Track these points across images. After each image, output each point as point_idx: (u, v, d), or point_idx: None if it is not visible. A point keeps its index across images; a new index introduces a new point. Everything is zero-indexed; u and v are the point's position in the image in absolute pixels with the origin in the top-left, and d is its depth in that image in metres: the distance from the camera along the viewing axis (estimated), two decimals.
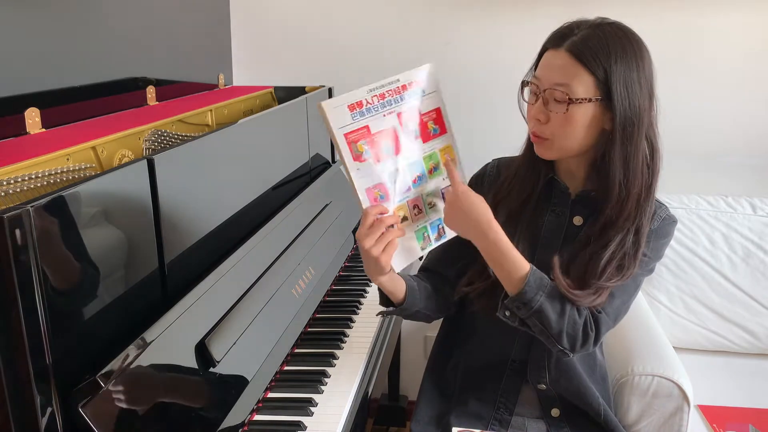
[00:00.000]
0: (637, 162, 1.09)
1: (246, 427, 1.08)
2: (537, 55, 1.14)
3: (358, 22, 2.13)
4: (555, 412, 1.27)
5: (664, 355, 1.50)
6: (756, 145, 2.03)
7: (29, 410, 0.77)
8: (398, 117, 1.11)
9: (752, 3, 1.93)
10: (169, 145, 1.32)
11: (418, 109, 1.14)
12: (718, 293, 1.87)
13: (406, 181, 1.12)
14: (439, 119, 1.16)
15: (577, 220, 1.19)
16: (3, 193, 0.89)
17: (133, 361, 0.89)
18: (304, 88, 1.99)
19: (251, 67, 2.17)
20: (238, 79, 2.13)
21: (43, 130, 1.18)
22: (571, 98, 1.06)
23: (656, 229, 1.16)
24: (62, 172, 1.02)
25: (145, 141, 1.27)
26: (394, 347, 2.03)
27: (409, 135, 1.12)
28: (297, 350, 1.34)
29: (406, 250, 1.13)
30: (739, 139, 2.03)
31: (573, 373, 1.25)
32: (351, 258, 1.82)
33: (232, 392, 1.08)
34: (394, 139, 1.10)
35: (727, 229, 1.89)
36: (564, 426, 1.27)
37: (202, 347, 1.04)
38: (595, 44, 1.05)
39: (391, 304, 1.21)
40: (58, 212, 0.82)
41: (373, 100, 1.08)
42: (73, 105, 1.30)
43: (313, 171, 1.83)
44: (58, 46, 1.26)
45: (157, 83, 1.60)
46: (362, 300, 1.58)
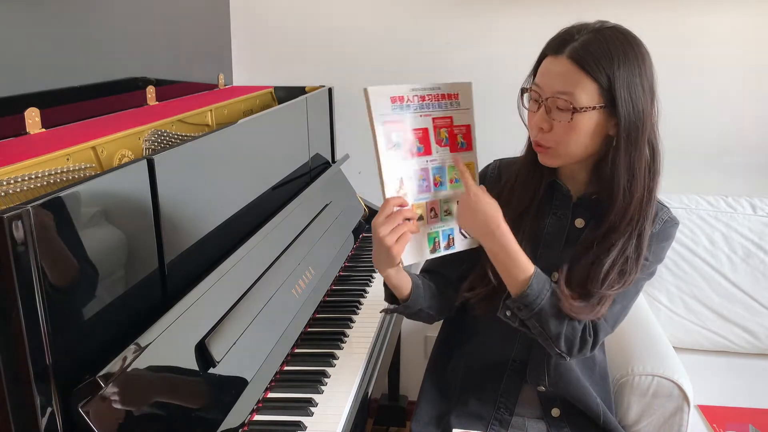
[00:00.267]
0: (640, 166, 1.09)
1: (246, 427, 1.08)
2: (536, 61, 1.13)
3: (358, 22, 2.13)
4: (555, 412, 1.27)
5: (664, 355, 1.50)
6: (756, 145, 2.03)
7: (29, 410, 0.77)
8: (432, 121, 1.14)
9: (752, 3, 1.93)
10: (169, 145, 1.32)
11: (452, 120, 1.17)
12: (718, 293, 1.87)
13: (428, 183, 1.14)
14: (468, 135, 1.19)
15: (579, 223, 1.19)
16: (3, 193, 0.89)
17: (133, 361, 0.89)
18: (304, 88, 1.99)
19: (251, 67, 2.18)
20: (238, 79, 2.13)
21: (43, 130, 1.18)
22: (575, 107, 1.05)
23: (658, 232, 1.16)
24: (62, 172, 1.02)
25: (145, 141, 1.27)
26: (394, 347, 2.04)
27: (439, 141, 1.15)
28: (297, 350, 1.34)
29: (416, 248, 1.14)
30: (739, 139, 2.03)
31: (571, 376, 1.25)
32: (351, 258, 1.82)
33: (232, 392, 1.08)
34: (425, 140, 1.13)
35: (727, 229, 1.89)
36: (564, 426, 1.27)
37: (202, 347, 1.04)
38: (597, 50, 1.04)
39: (396, 302, 1.21)
40: (58, 212, 0.82)
41: (413, 99, 1.11)
42: (73, 105, 1.30)
43: (313, 171, 1.83)
44: (58, 46, 1.26)
45: (157, 83, 1.60)
46: (362, 300, 1.58)
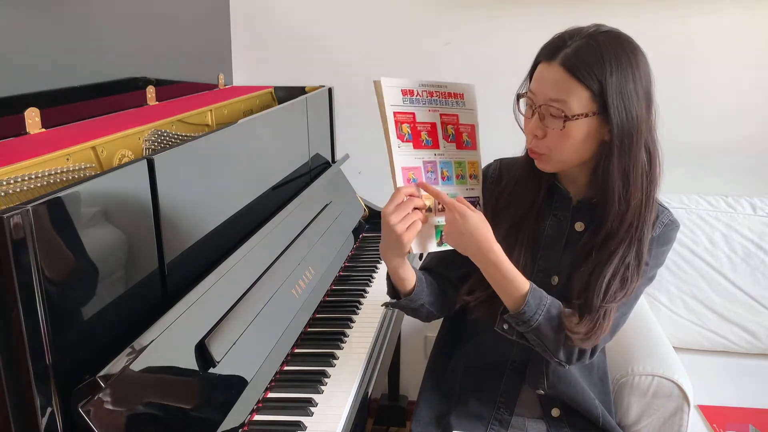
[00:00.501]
0: (636, 174, 1.08)
1: (246, 427, 1.08)
2: (531, 66, 1.12)
3: (358, 22, 2.13)
4: (555, 412, 1.27)
5: (664, 355, 1.50)
6: (756, 145, 2.03)
7: (29, 410, 0.77)
8: (440, 116, 1.17)
9: (752, 3, 1.93)
10: (169, 145, 1.32)
11: (458, 118, 1.19)
12: (718, 293, 1.87)
13: (436, 176, 1.15)
14: (472, 135, 1.21)
15: (579, 226, 1.18)
16: (3, 193, 0.89)
17: (133, 361, 0.89)
18: (304, 88, 1.99)
19: (251, 67, 2.18)
20: (238, 79, 2.13)
21: (43, 130, 1.18)
22: (567, 115, 1.04)
23: (658, 236, 1.15)
24: (62, 172, 1.02)
25: (145, 141, 1.27)
26: (394, 347, 2.04)
27: (446, 136, 1.17)
28: (297, 350, 1.34)
29: (424, 238, 1.14)
30: (739, 139, 2.03)
31: (570, 379, 1.25)
32: (351, 258, 1.82)
33: (232, 392, 1.08)
34: (433, 134, 1.15)
35: (727, 229, 1.89)
36: (564, 426, 1.27)
37: (202, 347, 1.04)
38: (589, 56, 1.03)
39: (398, 296, 1.21)
40: (58, 212, 0.82)
41: (422, 93, 1.14)
42: (73, 105, 1.30)
43: (313, 171, 1.83)
44: (58, 46, 1.26)
45: (157, 83, 1.60)
46: (362, 300, 1.58)
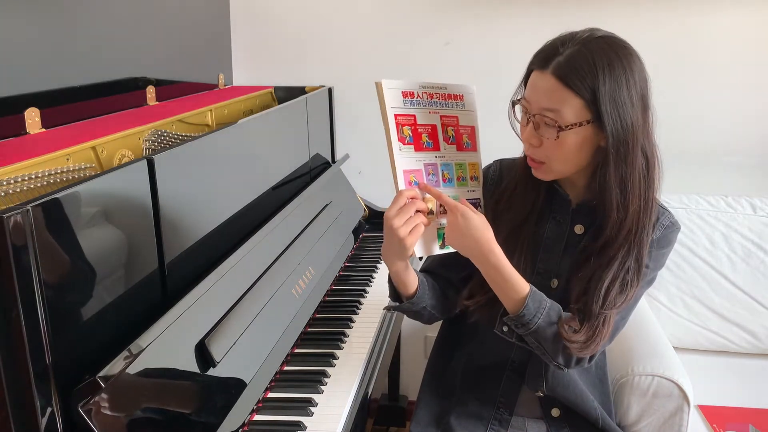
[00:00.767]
0: (634, 180, 1.07)
1: (246, 427, 1.08)
2: (525, 72, 1.11)
3: (358, 22, 2.13)
4: (555, 413, 1.27)
5: (664, 355, 1.50)
6: (756, 145, 2.03)
7: (29, 410, 0.77)
8: (440, 118, 1.16)
9: (752, 3, 1.93)
10: (169, 145, 1.32)
11: (458, 120, 1.18)
12: (719, 293, 1.87)
13: (437, 178, 1.15)
14: (473, 137, 1.20)
15: (579, 229, 1.18)
16: (3, 193, 0.89)
17: (133, 361, 0.89)
18: (304, 88, 1.99)
19: (251, 67, 2.18)
20: (238, 79, 2.13)
21: (43, 130, 1.18)
22: (561, 125, 1.04)
23: (658, 238, 1.14)
24: (62, 172, 1.02)
25: (145, 141, 1.27)
26: (394, 347, 2.03)
27: (447, 138, 1.17)
28: (297, 350, 1.34)
29: (427, 241, 1.14)
30: (739, 139, 2.03)
31: (569, 381, 1.25)
32: (351, 258, 1.82)
33: (232, 392, 1.08)
34: (434, 137, 1.15)
35: (727, 229, 1.89)
36: (564, 426, 1.27)
37: (201, 347, 1.04)
38: (581, 64, 1.02)
39: (400, 299, 1.21)
40: (58, 212, 0.82)
41: (422, 95, 1.14)
42: (73, 105, 1.30)
43: (313, 171, 1.83)
44: (58, 46, 1.26)
45: (157, 83, 1.60)
46: (362, 300, 1.58)
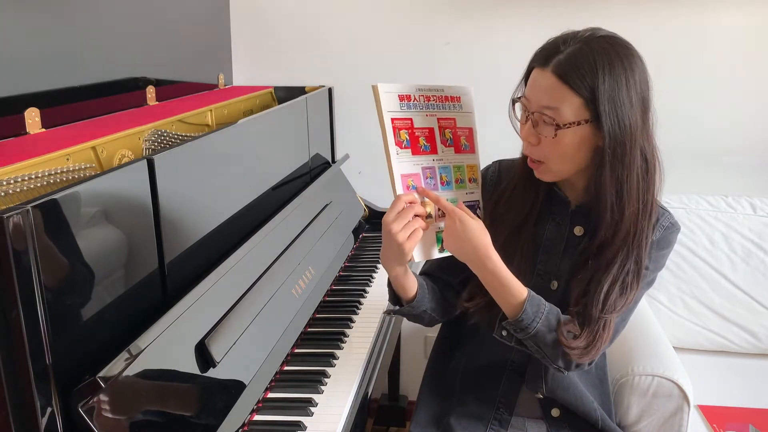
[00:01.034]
0: (631, 183, 1.06)
1: (246, 427, 1.08)
2: (525, 71, 1.11)
3: (358, 23, 2.13)
4: (555, 413, 1.27)
5: (664, 355, 1.50)
6: (756, 145, 2.03)
7: (29, 410, 0.77)
8: (438, 121, 1.16)
9: (752, 3, 1.93)
10: (169, 145, 1.32)
11: (455, 121, 1.18)
12: (719, 293, 1.87)
13: (435, 181, 1.15)
14: (470, 138, 1.20)
15: (578, 230, 1.18)
16: (3, 193, 0.89)
17: (133, 361, 0.89)
18: (304, 88, 1.99)
19: (251, 67, 2.18)
20: (238, 79, 2.13)
21: (43, 130, 1.18)
22: (559, 123, 1.04)
23: (658, 239, 1.14)
24: (62, 172, 1.02)
25: (145, 141, 1.27)
26: (394, 347, 2.03)
27: (444, 140, 1.16)
28: (297, 350, 1.34)
29: (426, 246, 1.14)
30: (739, 139, 2.03)
31: (569, 383, 1.25)
32: (351, 258, 1.82)
33: (232, 392, 1.08)
34: (431, 140, 1.14)
35: (727, 229, 1.89)
36: (564, 426, 1.27)
37: (201, 347, 1.04)
38: (581, 63, 1.01)
39: (400, 303, 1.21)
40: (58, 212, 0.82)
41: (419, 98, 1.13)
42: (73, 105, 1.30)
43: (313, 171, 1.83)
44: (58, 46, 1.26)
45: (157, 83, 1.60)
46: (362, 300, 1.58)
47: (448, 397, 1.33)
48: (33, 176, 0.96)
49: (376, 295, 1.61)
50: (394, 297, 1.21)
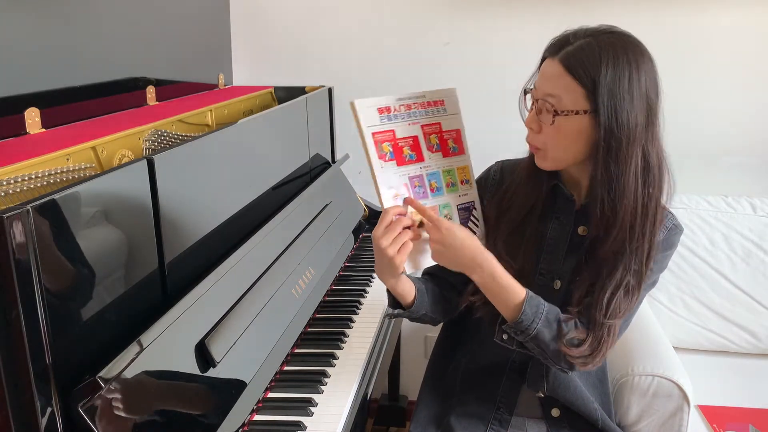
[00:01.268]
0: (626, 180, 1.05)
1: (246, 427, 1.08)
2: (539, 61, 1.13)
3: (358, 23, 2.13)
4: (555, 413, 1.27)
5: (664, 355, 1.50)
6: (756, 145, 2.03)
7: (29, 410, 0.77)
8: (421, 128, 1.15)
9: (752, 3, 1.93)
10: (169, 145, 1.32)
11: (440, 126, 1.17)
12: (719, 293, 1.87)
13: (425, 189, 1.14)
14: (458, 139, 1.19)
15: (582, 230, 1.18)
16: (3, 193, 0.89)
17: (133, 361, 0.89)
18: (304, 88, 1.99)
19: (251, 67, 2.17)
20: (238, 79, 2.13)
21: (43, 130, 1.18)
22: (557, 110, 1.05)
23: (662, 240, 1.14)
24: (62, 172, 1.02)
25: (145, 141, 1.27)
26: (394, 347, 2.03)
27: (430, 147, 1.16)
28: (297, 350, 1.34)
29: (419, 255, 1.14)
30: (739, 139, 2.03)
31: (569, 382, 1.25)
32: (351, 258, 1.82)
33: (232, 392, 1.08)
34: (416, 148, 1.14)
35: (727, 229, 1.89)
36: (564, 426, 1.27)
37: (201, 347, 1.04)
38: (587, 55, 1.03)
39: (400, 306, 1.21)
40: (58, 212, 0.82)
41: (400, 108, 1.12)
42: (73, 105, 1.29)
43: (313, 171, 1.83)
44: (58, 46, 1.26)
45: (157, 83, 1.60)
46: (362, 300, 1.58)
47: (449, 396, 1.33)
48: (33, 176, 0.96)
49: (376, 295, 1.61)
50: (393, 302, 1.22)
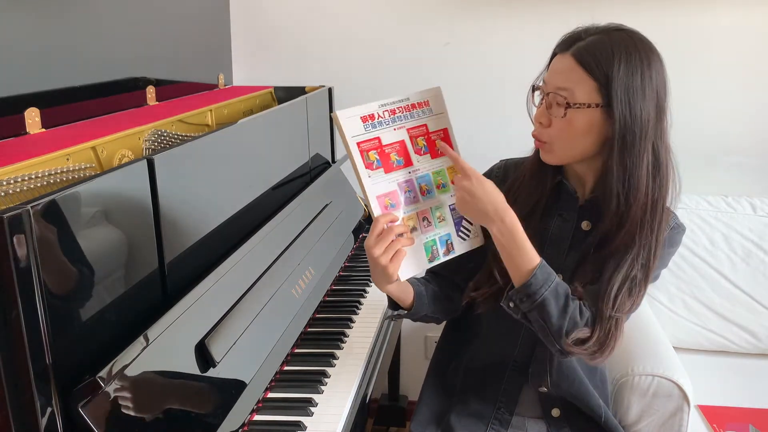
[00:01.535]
0: (639, 174, 1.06)
1: (246, 427, 1.08)
2: (549, 58, 1.14)
3: (358, 23, 2.13)
4: (555, 413, 1.27)
5: (664, 355, 1.50)
6: (756, 145, 2.03)
7: (29, 410, 0.77)
8: (407, 132, 1.14)
9: (752, 3, 1.93)
10: (169, 145, 1.32)
11: (427, 127, 1.16)
12: (719, 293, 1.87)
13: (415, 193, 1.14)
14: (446, 139, 1.18)
15: (586, 225, 1.18)
16: (3, 193, 0.89)
17: (133, 361, 0.89)
18: (304, 88, 1.99)
19: (251, 67, 2.18)
20: (238, 79, 2.13)
21: (43, 130, 1.18)
22: (570, 103, 1.06)
23: (665, 238, 1.14)
24: (62, 172, 1.02)
25: (145, 141, 1.27)
26: (394, 347, 2.03)
27: (418, 150, 1.15)
28: (297, 350, 1.34)
29: (414, 260, 1.13)
30: (739, 139, 2.03)
31: (574, 376, 1.25)
32: (351, 258, 1.82)
33: (232, 392, 1.08)
34: (404, 152, 1.13)
35: (727, 229, 1.89)
36: (564, 426, 1.27)
37: (202, 347, 1.04)
38: (600, 49, 1.05)
39: (400, 308, 1.21)
40: (58, 212, 0.82)
41: (384, 114, 1.11)
42: (73, 105, 1.29)
43: (313, 171, 1.83)
44: (58, 46, 1.26)
45: (157, 83, 1.60)
46: (362, 300, 1.58)
47: (450, 395, 1.33)
48: (33, 176, 0.96)
49: (376, 295, 1.61)
50: (393, 303, 1.22)
